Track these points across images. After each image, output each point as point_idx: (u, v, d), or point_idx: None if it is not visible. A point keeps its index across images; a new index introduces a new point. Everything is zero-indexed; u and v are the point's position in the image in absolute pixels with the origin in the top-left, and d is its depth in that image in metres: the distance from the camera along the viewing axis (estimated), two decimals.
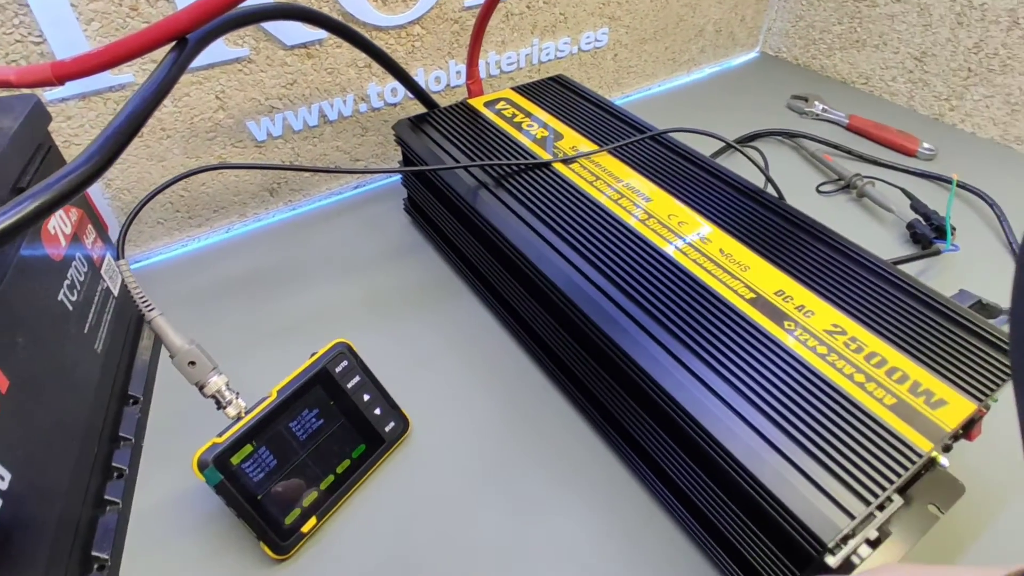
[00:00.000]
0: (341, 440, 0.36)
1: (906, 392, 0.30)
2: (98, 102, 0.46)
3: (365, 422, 0.37)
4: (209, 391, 0.32)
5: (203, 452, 0.31)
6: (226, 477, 0.31)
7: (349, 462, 0.36)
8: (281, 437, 0.33)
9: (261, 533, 0.32)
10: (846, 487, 0.26)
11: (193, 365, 0.32)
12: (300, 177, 0.58)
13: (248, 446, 0.32)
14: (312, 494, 0.34)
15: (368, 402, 0.37)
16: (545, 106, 0.53)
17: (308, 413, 0.34)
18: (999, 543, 0.34)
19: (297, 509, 0.33)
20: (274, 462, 0.33)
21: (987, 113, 0.66)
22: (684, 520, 0.34)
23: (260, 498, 0.32)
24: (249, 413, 0.32)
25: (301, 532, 0.33)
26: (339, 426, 0.36)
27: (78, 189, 0.25)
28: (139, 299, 0.31)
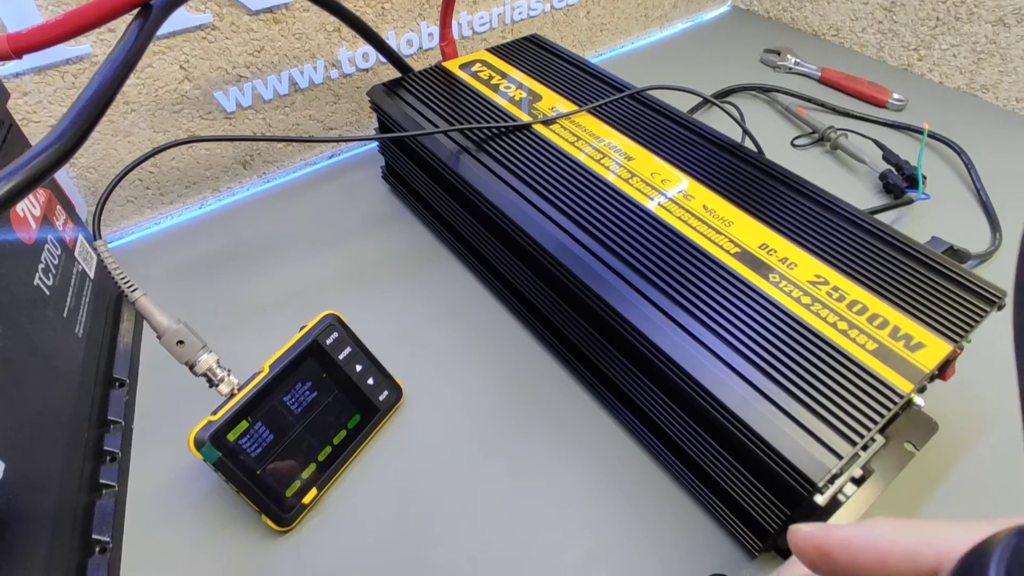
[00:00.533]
0: (336, 411, 0.36)
1: (886, 337, 0.31)
2: (55, 76, 0.43)
3: (359, 392, 0.37)
4: (199, 369, 0.32)
5: (199, 430, 0.31)
6: (224, 454, 0.31)
7: (345, 432, 0.36)
8: (276, 411, 0.33)
9: (263, 507, 0.32)
10: (832, 429, 0.28)
11: (182, 344, 0.31)
12: (273, 148, 0.57)
13: (244, 422, 0.32)
14: (311, 466, 0.34)
15: (360, 372, 0.37)
16: (521, 67, 0.52)
17: (301, 386, 0.34)
18: (969, 476, 0.36)
19: (297, 482, 0.34)
20: (271, 436, 0.33)
21: (954, 62, 0.67)
22: (678, 471, 0.35)
23: (259, 473, 0.32)
24: (242, 389, 0.32)
25: (303, 503, 0.34)
26: (333, 398, 0.36)
27: (51, 170, 0.24)
28: (120, 280, 0.30)
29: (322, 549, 0.33)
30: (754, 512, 0.30)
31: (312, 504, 0.34)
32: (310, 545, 0.34)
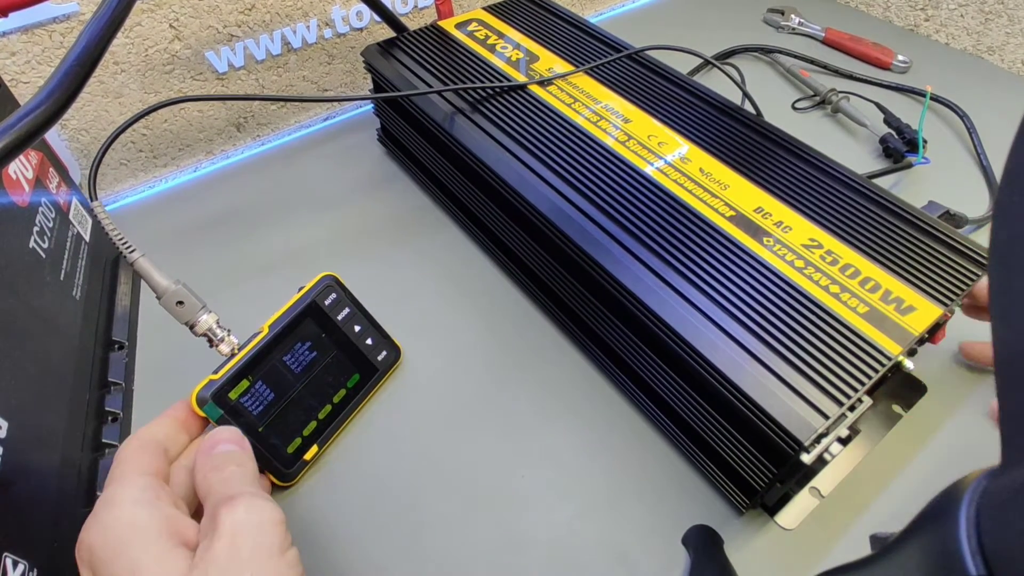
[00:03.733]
0: (335, 371, 0.36)
1: (877, 300, 0.31)
2: (43, 35, 0.43)
3: (357, 352, 0.37)
4: (200, 330, 0.32)
5: (200, 389, 0.31)
6: (226, 412, 0.31)
7: (345, 392, 0.37)
8: (276, 371, 0.34)
9: (265, 463, 0.33)
10: (820, 390, 0.28)
11: (181, 305, 0.31)
12: (267, 110, 0.56)
13: (244, 381, 0.32)
14: (311, 424, 0.35)
15: (359, 333, 0.38)
16: (518, 26, 0.51)
17: (301, 346, 0.35)
18: (955, 437, 0.36)
19: (298, 439, 0.34)
20: (271, 395, 0.33)
21: (961, 23, 0.66)
22: (667, 429, 0.36)
23: (261, 430, 0.33)
24: (243, 349, 0.33)
25: (304, 460, 0.34)
26: (332, 357, 0.36)
27: (40, 130, 0.24)
28: (119, 241, 0.30)
29: (322, 503, 0.34)
30: (742, 470, 0.31)
31: (313, 460, 0.35)
32: (311, 499, 0.34)
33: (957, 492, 0.12)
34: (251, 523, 0.24)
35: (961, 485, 0.12)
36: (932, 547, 0.12)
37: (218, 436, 0.29)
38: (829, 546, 0.32)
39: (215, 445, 0.28)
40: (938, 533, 0.11)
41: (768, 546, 0.32)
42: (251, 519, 0.24)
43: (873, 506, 0.34)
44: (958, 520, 0.11)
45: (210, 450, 0.28)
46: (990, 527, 0.11)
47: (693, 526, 0.31)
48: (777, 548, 0.32)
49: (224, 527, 0.23)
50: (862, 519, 0.33)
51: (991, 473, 0.11)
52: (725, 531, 0.32)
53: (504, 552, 0.32)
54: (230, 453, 0.28)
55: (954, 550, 0.11)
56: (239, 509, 0.24)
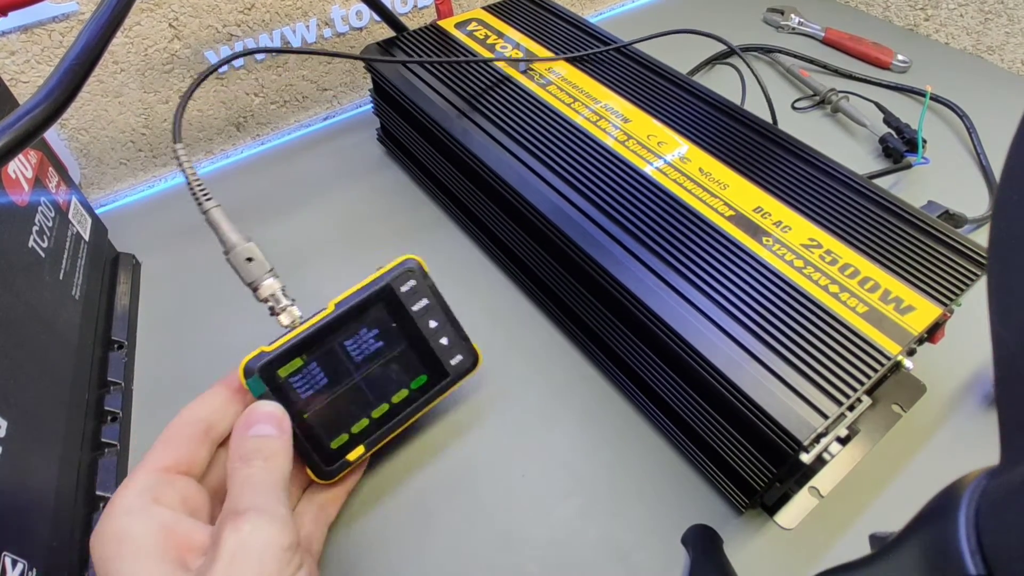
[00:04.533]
0: (400, 367, 0.32)
1: (877, 300, 0.31)
2: (42, 35, 0.43)
3: (429, 351, 0.33)
4: (263, 294, 0.30)
5: (250, 359, 0.28)
6: (271, 389, 0.28)
7: (407, 392, 0.32)
8: (335, 355, 0.30)
9: (304, 455, 0.29)
10: (820, 390, 0.28)
11: (251, 262, 0.29)
12: (267, 110, 0.56)
13: (298, 359, 0.29)
14: (363, 421, 0.31)
15: (434, 329, 0.33)
16: (518, 26, 0.51)
17: (367, 332, 0.31)
18: (955, 436, 0.36)
19: (345, 435, 0.31)
20: (324, 380, 0.30)
21: (961, 22, 0.66)
22: (667, 428, 0.36)
23: (306, 416, 0.29)
24: (303, 323, 0.30)
25: (347, 459, 0.31)
26: (400, 352, 0.32)
27: (41, 128, 0.24)
28: (196, 188, 0.30)
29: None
30: (741, 469, 0.31)
31: (357, 462, 0.31)
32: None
33: (956, 491, 0.12)
34: (254, 547, 0.22)
35: (960, 484, 0.12)
36: (931, 546, 0.12)
37: (257, 413, 0.27)
38: (828, 545, 0.32)
39: (252, 424, 0.26)
40: (937, 532, 0.11)
41: (767, 546, 0.32)
42: (254, 542, 0.22)
43: (872, 506, 0.34)
44: (957, 519, 0.11)
45: (246, 429, 0.26)
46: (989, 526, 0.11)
47: (692, 526, 0.31)
48: (776, 548, 0.32)
49: (224, 548, 0.22)
50: (861, 518, 0.33)
51: (991, 472, 0.12)
52: (724, 531, 0.32)
53: (503, 551, 0.32)
54: (263, 440, 0.26)
55: (953, 549, 0.11)
56: (244, 528, 0.22)
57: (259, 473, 0.25)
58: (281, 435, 0.27)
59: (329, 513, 0.31)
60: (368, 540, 0.33)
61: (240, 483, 0.24)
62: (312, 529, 0.30)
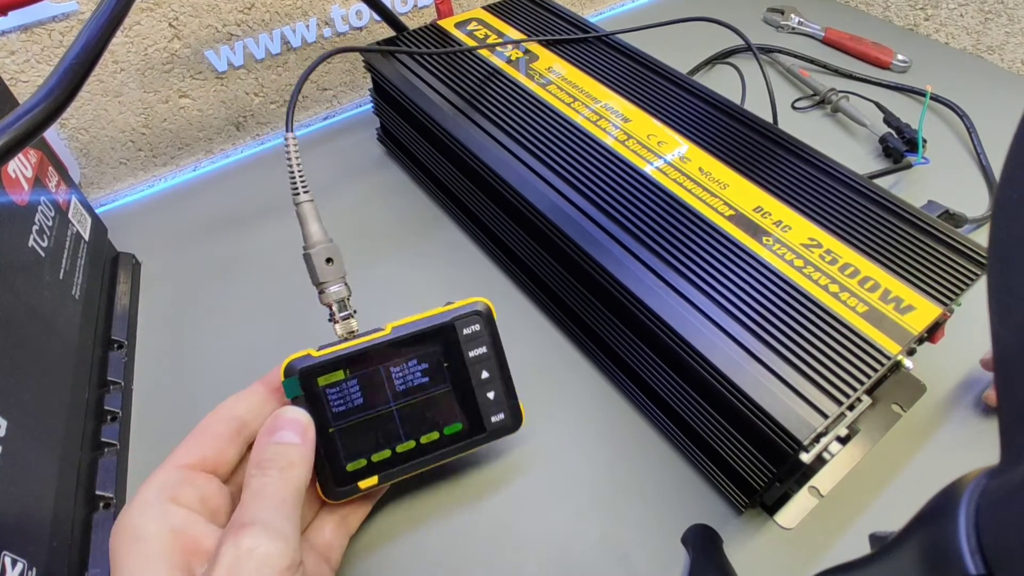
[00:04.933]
0: (439, 409, 0.31)
1: (877, 300, 0.31)
2: (42, 34, 0.43)
3: (472, 400, 0.31)
4: (328, 298, 0.29)
5: (294, 359, 0.28)
6: (306, 395, 0.28)
7: (438, 436, 0.31)
8: (377, 378, 0.30)
9: (318, 468, 0.28)
10: (820, 389, 0.28)
11: (330, 263, 0.29)
12: (267, 110, 0.56)
13: (340, 372, 0.29)
14: (385, 452, 0.30)
15: (484, 380, 0.32)
16: (518, 25, 0.51)
17: (416, 364, 0.30)
18: (955, 437, 0.36)
19: (363, 460, 0.30)
20: (360, 400, 0.29)
21: (961, 22, 0.66)
22: (667, 429, 0.36)
23: (331, 431, 0.29)
24: (357, 338, 0.29)
25: (358, 486, 0.30)
26: (442, 393, 0.31)
27: (40, 128, 0.24)
28: (298, 178, 0.30)
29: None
30: (741, 469, 0.31)
31: (367, 491, 0.30)
32: None
33: (956, 491, 0.12)
34: (250, 564, 0.22)
35: (960, 484, 0.12)
36: (931, 546, 0.12)
37: (283, 419, 0.26)
38: (828, 545, 0.32)
39: (276, 429, 0.26)
40: (937, 532, 0.11)
41: (767, 545, 0.32)
42: (252, 559, 0.22)
43: (872, 505, 0.34)
44: (957, 519, 0.11)
45: (269, 435, 0.26)
46: (989, 526, 0.11)
47: (692, 525, 0.31)
48: (776, 547, 0.32)
49: (221, 561, 0.22)
50: (861, 518, 0.33)
51: (990, 472, 0.11)
52: (724, 530, 0.32)
53: (502, 550, 0.32)
54: (284, 448, 0.25)
55: (953, 549, 0.11)
56: (243, 543, 0.22)
57: (272, 484, 0.24)
58: (303, 444, 0.26)
59: (351, 524, 0.31)
60: (368, 540, 0.33)
61: (252, 493, 0.24)
62: (332, 539, 0.30)
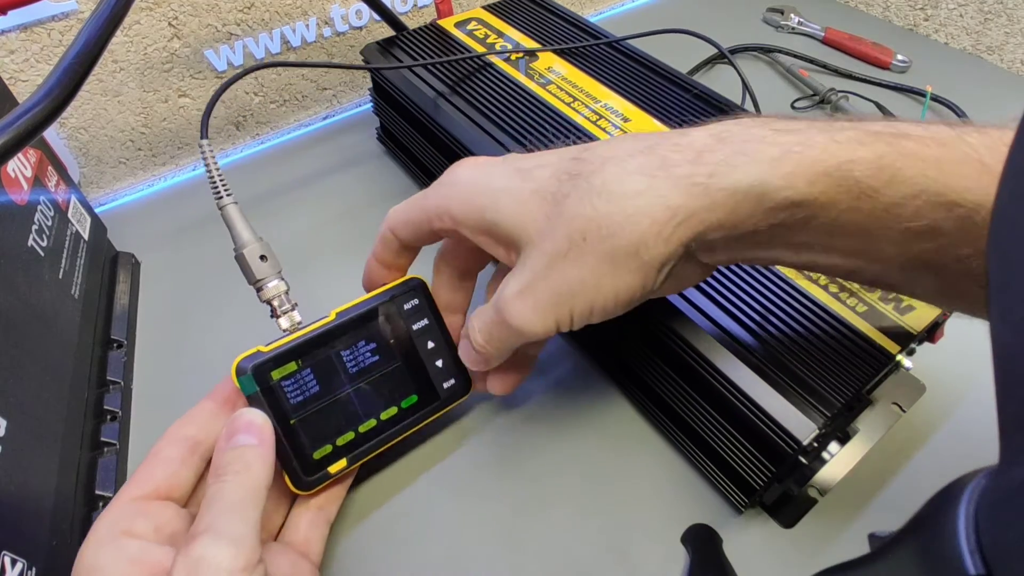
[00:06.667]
0: (392, 384, 0.32)
1: (876, 300, 0.31)
2: (42, 33, 0.43)
3: (423, 371, 0.33)
4: (267, 294, 0.30)
5: (244, 357, 0.28)
6: (262, 390, 0.28)
7: (396, 410, 0.32)
8: (330, 363, 0.30)
9: (285, 462, 0.29)
10: (820, 389, 0.28)
11: (264, 260, 0.30)
12: (267, 109, 0.56)
13: (293, 364, 0.29)
14: (349, 434, 0.30)
15: (431, 351, 0.33)
16: (517, 25, 0.51)
17: (364, 345, 0.31)
18: (954, 436, 0.36)
19: (328, 446, 0.30)
20: (316, 388, 0.29)
21: (960, 23, 0.66)
22: (667, 429, 0.36)
23: (293, 423, 0.29)
24: (302, 329, 0.30)
25: (328, 471, 0.30)
26: (394, 369, 0.32)
27: (40, 127, 0.24)
28: (220, 182, 0.30)
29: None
30: (740, 469, 0.31)
31: (338, 475, 0.30)
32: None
33: (955, 491, 0.12)
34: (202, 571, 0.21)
35: (959, 484, 0.12)
36: (930, 545, 0.12)
37: (240, 422, 0.26)
38: (827, 545, 0.32)
39: (232, 434, 0.26)
40: (936, 532, 0.11)
41: (767, 545, 0.32)
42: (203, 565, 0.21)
43: (871, 505, 0.34)
44: (956, 519, 0.11)
45: (226, 440, 0.26)
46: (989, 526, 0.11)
47: (692, 525, 0.31)
48: (776, 547, 0.32)
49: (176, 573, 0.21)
50: (861, 518, 0.33)
51: (990, 472, 0.11)
52: (724, 530, 0.32)
53: (502, 550, 0.32)
54: (241, 451, 0.25)
55: (952, 549, 0.11)
56: (193, 553, 0.22)
57: (227, 488, 0.24)
58: (260, 445, 0.26)
59: (329, 512, 0.31)
60: (367, 541, 0.33)
61: (206, 502, 0.24)
62: (309, 533, 0.30)
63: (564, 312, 0.25)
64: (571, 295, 0.24)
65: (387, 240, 0.31)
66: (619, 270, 0.23)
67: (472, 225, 0.27)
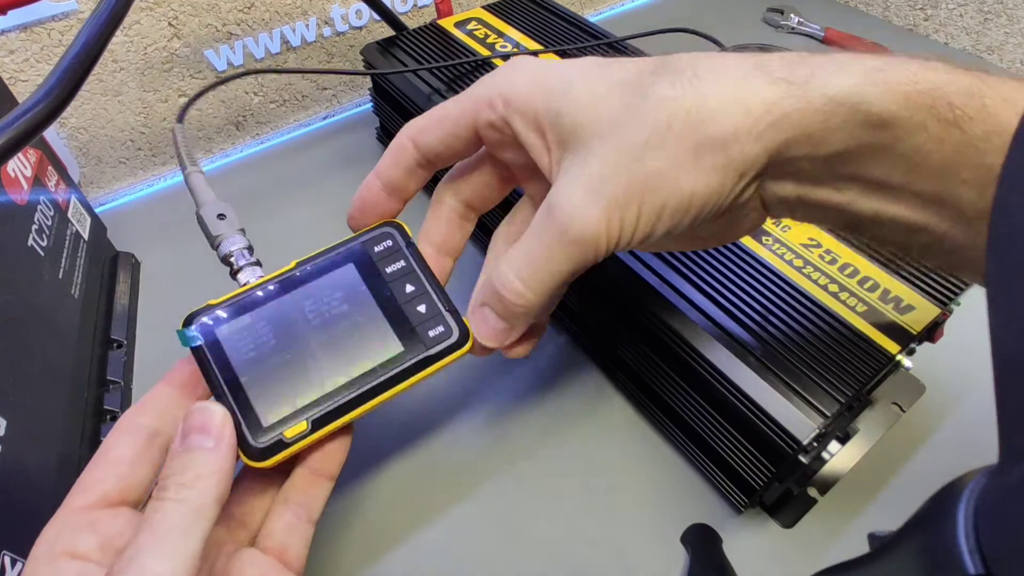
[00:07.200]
0: (365, 336, 0.27)
1: (876, 299, 0.31)
2: (42, 33, 0.43)
3: (402, 318, 0.27)
4: (225, 250, 0.28)
5: (194, 311, 0.26)
6: (206, 344, 0.25)
7: (372, 365, 0.26)
8: (288, 315, 0.26)
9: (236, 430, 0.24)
10: (819, 389, 0.28)
11: (223, 218, 0.28)
12: (267, 109, 0.56)
13: (246, 316, 0.26)
14: (311, 393, 0.25)
15: (410, 294, 0.28)
16: (517, 25, 0.51)
17: (330, 294, 0.27)
18: (954, 436, 0.36)
19: (286, 408, 0.25)
20: (272, 341, 0.25)
21: (960, 22, 0.66)
22: (667, 428, 0.36)
23: (243, 381, 0.25)
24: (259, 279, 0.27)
25: (283, 436, 0.24)
26: (366, 318, 0.27)
27: (40, 127, 0.24)
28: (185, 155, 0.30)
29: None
30: (740, 469, 0.31)
31: (296, 440, 0.24)
32: None
33: (955, 490, 0.12)
34: None
35: (959, 484, 0.12)
36: (929, 545, 0.12)
37: (194, 419, 0.22)
38: (827, 545, 0.33)
39: (187, 433, 0.22)
40: (936, 531, 0.12)
41: (767, 545, 0.33)
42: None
43: (871, 505, 0.34)
44: (956, 518, 0.11)
45: (179, 442, 0.22)
46: (988, 526, 0.11)
47: (691, 525, 0.31)
48: (775, 547, 0.32)
49: None
50: (860, 518, 0.33)
51: (989, 472, 0.12)
52: (724, 530, 0.32)
53: (501, 550, 0.32)
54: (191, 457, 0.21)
55: (952, 548, 0.11)
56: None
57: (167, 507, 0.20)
58: (217, 447, 0.22)
59: (311, 510, 0.26)
60: (364, 539, 0.33)
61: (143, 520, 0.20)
62: (285, 538, 0.25)
63: (631, 211, 0.21)
64: (643, 190, 0.21)
65: (401, 150, 0.27)
66: (702, 164, 0.21)
67: (531, 113, 0.23)
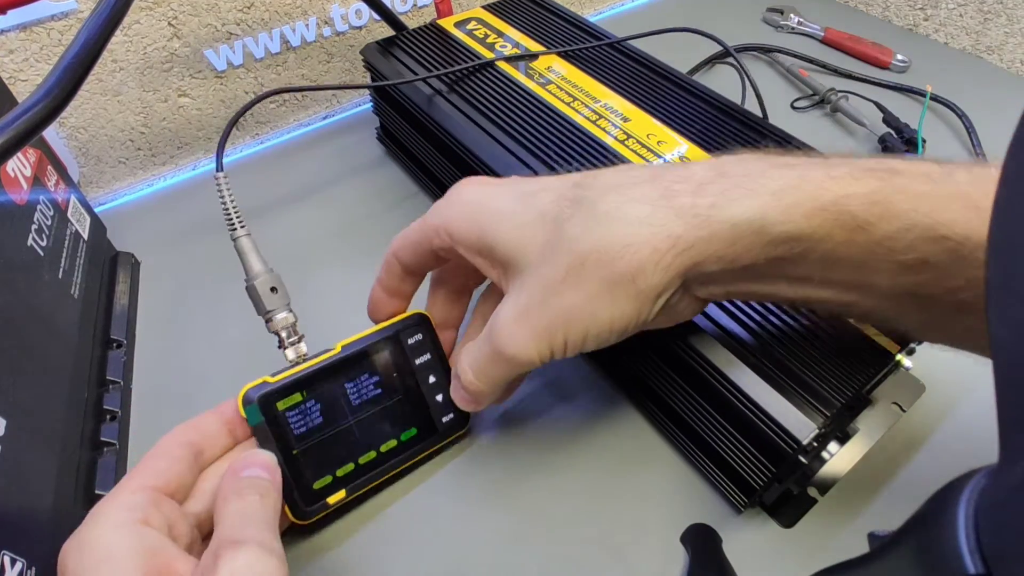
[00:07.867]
0: (393, 417, 0.32)
1: None
2: (41, 33, 0.43)
3: (423, 405, 0.33)
4: (276, 326, 0.30)
5: (250, 388, 0.29)
6: (267, 421, 0.29)
7: (395, 443, 0.33)
8: (334, 396, 0.31)
9: (286, 491, 0.29)
10: (820, 389, 0.28)
11: (275, 292, 0.30)
12: (267, 109, 0.56)
13: (298, 395, 0.30)
14: (349, 465, 0.31)
15: (432, 385, 0.33)
16: (517, 25, 0.51)
17: (368, 379, 0.32)
18: (953, 435, 0.36)
19: (329, 476, 0.31)
20: (319, 420, 0.30)
21: (960, 22, 0.66)
22: (666, 428, 0.36)
23: (296, 453, 0.29)
24: (308, 360, 0.30)
25: (327, 502, 0.30)
26: (395, 402, 0.32)
27: (39, 127, 0.24)
28: (234, 213, 0.31)
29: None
30: (740, 468, 0.31)
31: (336, 506, 0.31)
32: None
33: (955, 490, 0.12)
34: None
35: (959, 483, 0.12)
36: (929, 545, 0.12)
37: (252, 459, 0.27)
38: (827, 544, 0.32)
39: (246, 467, 0.26)
40: (935, 531, 0.12)
41: (766, 544, 0.32)
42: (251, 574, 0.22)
43: (871, 505, 0.34)
44: (956, 518, 0.11)
45: (240, 471, 0.26)
46: (988, 525, 0.11)
47: (691, 525, 0.31)
48: (775, 546, 0.32)
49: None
50: (860, 517, 0.33)
51: (989, 472, 0.12)
52: (724, 530, 0.32)
53: (501, 550, 0.32)
54: (257, 480, 0.26)
55: (952, 548, 0.11)
56: (240, 558, 0.22)
57: (254, 506, 0.24)
58: (273, 479, 0.27)
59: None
60: (364, 540, 0.33)
61: (235, 514, 0.24)
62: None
63: (558, 339, 0.25)
64: (566, 321, 0.24)
65: (390, 265, 0.32)
66: (616, 297, 0.23)
67: (470, 244, 0.27)
